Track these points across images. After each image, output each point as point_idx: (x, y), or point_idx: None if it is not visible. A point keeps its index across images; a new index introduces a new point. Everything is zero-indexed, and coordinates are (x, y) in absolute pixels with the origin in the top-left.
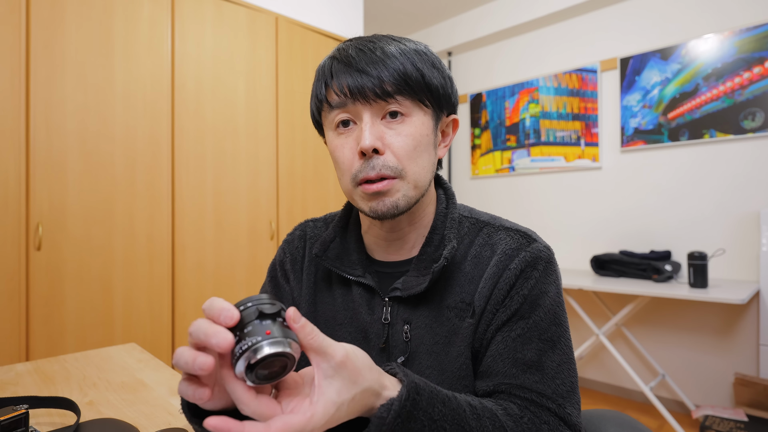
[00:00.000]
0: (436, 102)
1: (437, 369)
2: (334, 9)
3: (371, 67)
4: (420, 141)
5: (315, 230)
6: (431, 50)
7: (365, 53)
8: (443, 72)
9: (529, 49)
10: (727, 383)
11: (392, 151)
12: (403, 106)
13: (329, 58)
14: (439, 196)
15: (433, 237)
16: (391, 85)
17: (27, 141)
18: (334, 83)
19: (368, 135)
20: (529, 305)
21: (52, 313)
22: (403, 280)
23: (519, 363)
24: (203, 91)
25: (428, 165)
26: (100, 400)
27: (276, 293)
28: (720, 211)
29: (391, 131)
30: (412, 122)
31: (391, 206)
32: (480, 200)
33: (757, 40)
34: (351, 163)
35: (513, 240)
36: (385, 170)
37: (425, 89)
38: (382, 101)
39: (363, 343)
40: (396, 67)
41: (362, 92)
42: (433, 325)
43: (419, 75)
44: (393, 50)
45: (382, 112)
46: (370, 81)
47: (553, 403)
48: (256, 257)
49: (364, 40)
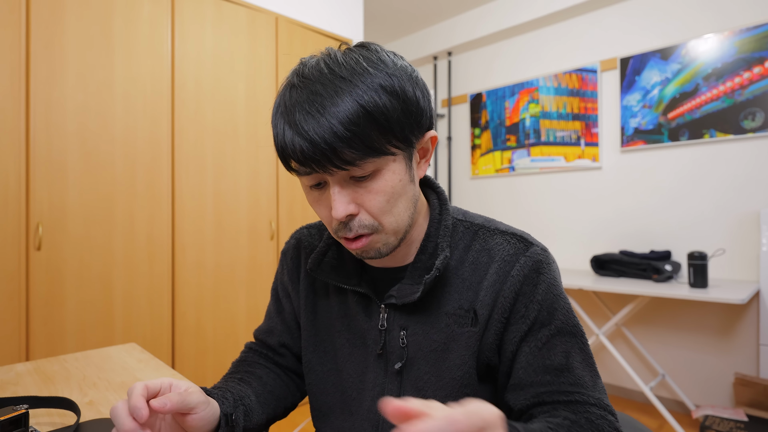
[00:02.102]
0: (404, 142)
1: (435, 375)
2: (334, 9)
3: (324, 136)
4: (393, 191)
5: (310, 239)
6: (391, 67)
7: (313, 117)
8: (408, 93)
9: (528, 49)
10: (727, 383)
11: (366, 209)
12: (368, 167)
13: (279, 113)
14: (432, 202)
15: (427, 244)
16: (349, 153)
17: (27, 141)
18: (289, 151)
19: (338, 206)
20: (547, 312)
21: (52, 313)
22: (398, 288)
23: (551, 369)
24: (203, 91)
25: (407, 206)
26: (100, 400)
27: (277, 308)
28: (720, 211)
29: (362, 189)
30: (382, 176)
31: (375, 254)
32: (480, 200)
33: (757, 40)
34: (329, 220)
35: (510, 245)
36: (361, 230)
37: (389, 137)
38: (344, 171)
39: (361, 348)
40: (351, 131)
41: (321, 165)
42: (430, 331)
43: (378, 125)
44: (346, 105)
45: (348, 175)
46: (326, 154)
47: (593, 398)
48: (256, 257)
49: (311, 92)
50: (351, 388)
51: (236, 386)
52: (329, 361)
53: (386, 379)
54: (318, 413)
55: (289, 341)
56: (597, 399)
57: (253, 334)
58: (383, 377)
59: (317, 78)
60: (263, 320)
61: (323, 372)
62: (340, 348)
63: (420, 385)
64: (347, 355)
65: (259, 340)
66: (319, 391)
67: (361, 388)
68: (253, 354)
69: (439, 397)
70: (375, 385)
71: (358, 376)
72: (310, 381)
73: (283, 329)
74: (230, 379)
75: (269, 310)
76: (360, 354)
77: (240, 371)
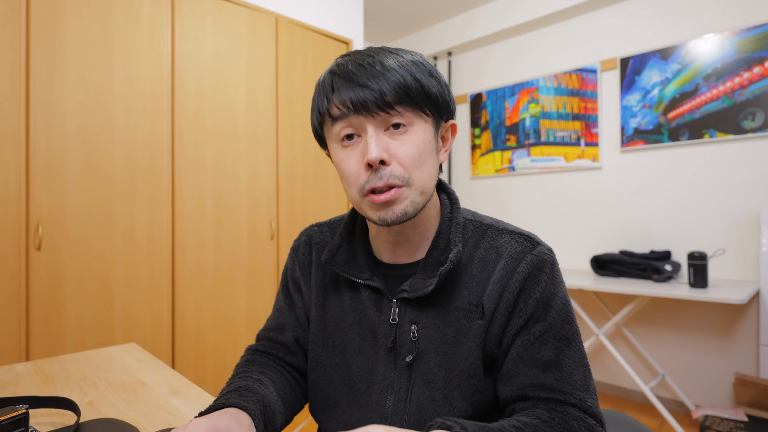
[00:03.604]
0: (436, 110)
1: (445, 368)
2: (334, 9)
3: (372, 81)
4: (424, 149)
5: (321, 235)
6: (427, 60)
7: (365, 68)
8: (440, 80)
9: (528, 49)
10: (727, 383)
11: (398, 160)
12: (405, 117)
13: (329, 73)
14: (443, 201)
15: (439, 241)
16: (392, 97)
17: (27, 141)
18: (335, 98)
19: (374, 147)
20: (543, 307)
21: (52, 313)
22: (411, 282)
23: (539, 364)
24: (203, 91)
25: (432, 171)
26: (100, 400)
27: (288, 304)
28: (720, 211)
29: (395, 141)
30: (414, 131)
31: (400, 214)
32: (480, 200)
33: (757, 40)
34: (358, 175)
35: (518, 243)
36: (392, 179)
37: (425, 99)
38: (385, 113)
39: (372, 342)
40: (396, 80)
41: (365, 106)
42: (441, 325)
43: (419, 85)
44: (392, 63)
45: (385, 124)
46: (372, 94)
47: (575, 398)
48: (256, 257)
49: (363, 55)
50: (360, 382)
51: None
52: (338, 355)
53: (396, 372)
54: (323, 408)
55: (301, 336)
56: (579, 399)
57: (257, 336)
58: (393, 370)
59: (365, 51)
60: (268, 320)
61: (331, 366)
62: (350, 342)
63: (429, 378)
64: (357, 349)
65: (267, 339)
66: (326, 386)
67: (371, 381)
68: (260, 356)
69: (447, 389)
70: (384, 379)
71: (368, 369)
72: (316, 375)
73: (295, 324)
74: (252, 384)
75: (279, 307)
76: (370, 348)
77: (253, 376)
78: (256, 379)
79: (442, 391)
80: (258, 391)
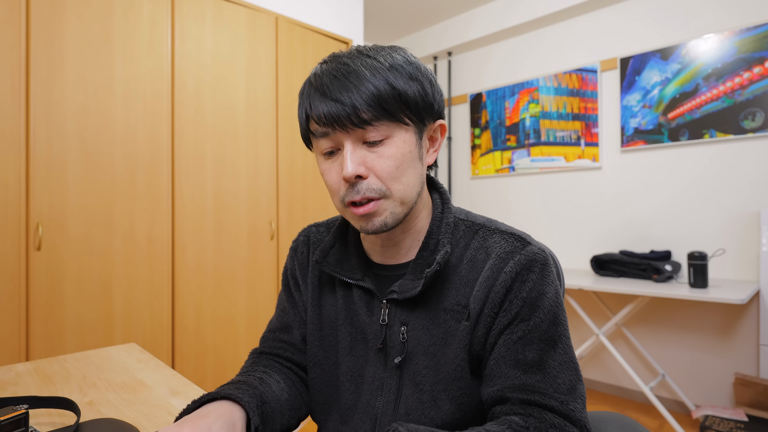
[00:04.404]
0: (416, 116)
1: (433, 369)
2: (334, 9)
3: (344, 95)
4: (402, 160)
5: (318, 235)
6: (410, 57)
7: (338, 80)
8: (423, 81)
9: (528, 49)
10: (727, 383)
11: (375, 173)
12: (381, 130)
13: (308, 83)
14: (435, 201)
15: (429, 242)
16: (366, 112)
17: (27, 141)
18: (313, 113)
19: (349, 164)
20: (529, 307)
21: (52, 313)
22: (400, 284)
23: (521, 364)
24: (203, 91)
25: (414, 179)
26: (100, 400)
27: (291, 303)
28: (720, 211)
29: (372, 155)
30: (392, 143)
31: (380, 225)
32: (480, 200)
33: (757, 40)
34: (338, 187)
35: (507, 243)
36: (369, 193)
37: (402, 107)
38: (360, 129)
39: (362, 342)
40: (370, 92)
41: (339, 121)
42: (430, 326)
43: (395, 93)
44: (366, 73)
45: (362, 138)
46: (345, 110)
47: (556, 401)
48: (256, 257)
49: (340, 63)
50: (350, 382)
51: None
52: (333, 354)
53: (386, 373)
54: (321, 407)
55: (306, 334)
56: (561, 402)
57: (262, 338)
58: (383, 371)
59: (346, 55)
60: (272, 322)
61: (328, 365)
62: (342, 341)
63: (418, 380)
64: (348, 349)
65: (273, 340)
66: (324, 385)
67: (360, 382)
68: (265, 358)
69: (435, 391)
70: (374, 380)
71: (358, 370)
72: (315, 374)
73: (301, 323)
74: (258, 388)
75: (282, 307)
76: (360, 348)
77: (256, 375)
78: (257, 378)
79: (430, 393)
80: (257, 387)
